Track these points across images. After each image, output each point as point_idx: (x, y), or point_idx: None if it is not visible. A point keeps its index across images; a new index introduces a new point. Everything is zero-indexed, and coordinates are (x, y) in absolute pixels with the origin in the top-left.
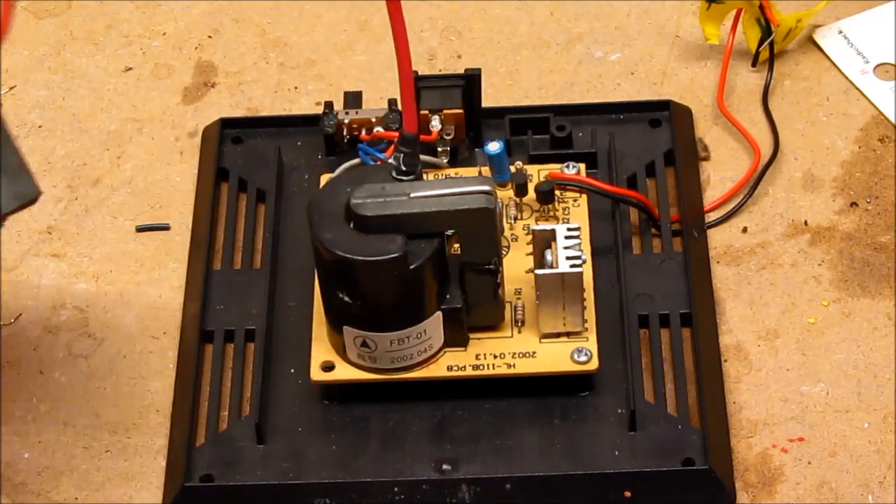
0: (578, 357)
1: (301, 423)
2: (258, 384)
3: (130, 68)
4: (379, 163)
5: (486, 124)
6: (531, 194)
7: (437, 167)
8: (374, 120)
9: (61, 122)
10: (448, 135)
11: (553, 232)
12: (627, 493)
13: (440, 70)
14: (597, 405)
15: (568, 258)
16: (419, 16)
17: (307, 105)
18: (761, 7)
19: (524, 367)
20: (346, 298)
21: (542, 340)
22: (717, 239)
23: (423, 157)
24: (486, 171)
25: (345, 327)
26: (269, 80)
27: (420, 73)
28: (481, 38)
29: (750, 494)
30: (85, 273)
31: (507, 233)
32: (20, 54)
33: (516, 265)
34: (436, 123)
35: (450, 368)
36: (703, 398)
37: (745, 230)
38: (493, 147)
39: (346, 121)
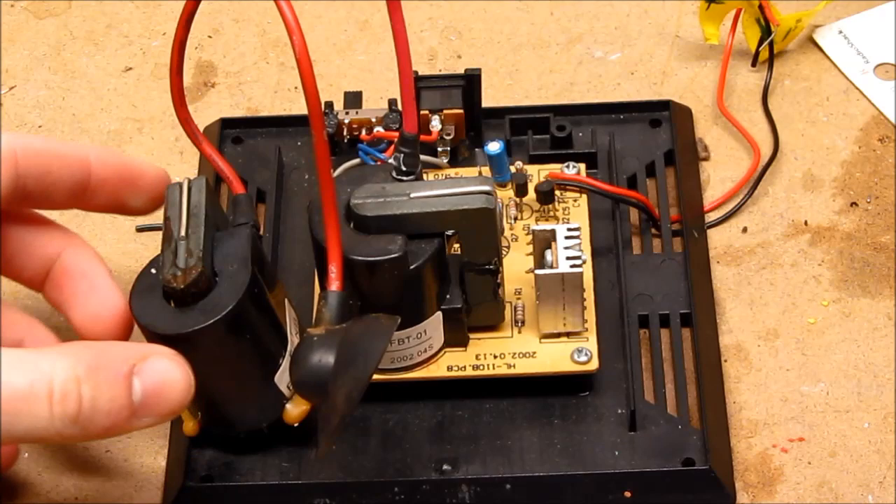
0: (578, 357)
1: (301, 423)
2: None
3: (130, 68)
4: (379, 163)
5: (486, 124)
6: (531, 194)
7: (437, 167)
8: (374, 120)
9: (61, 122)
10: (448, 135)
11: (553, 232)
12: (627, 493)
13: (440, 70)
14: (597, 405)
15: (568, 258)
16: (419, 16)
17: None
18: (761, 7)
19: (524, 367)
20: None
21: (542, 340)
22: (717, 239)
23: (423, 157)
24: (486, 171)
25: None
26: (269, 80)
27: (420, 73)
28: (481, 38)
29: (750, 494)
30: None
31: (507, 233)
32: (20, 54)
33: (516, 265)
34: (436, 123)
35: (450, 368)
36: (703, 398)
37: (745, 230)
38: (493, 147)
39: (346, 121)
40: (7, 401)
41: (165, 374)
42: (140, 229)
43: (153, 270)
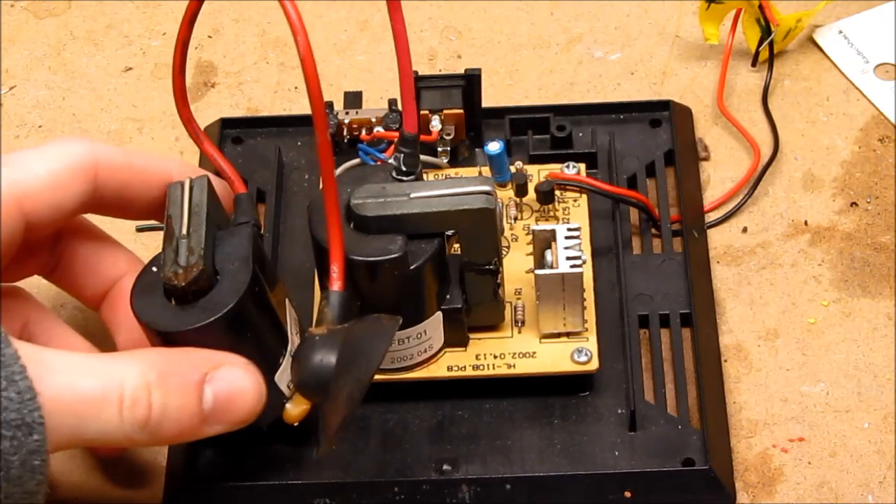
0: (578, 357)
1: (301, 423)
2: None
3: (130, 68)
4: (379, 163)
5: (486, 124)
6: (531, 194)
7: (437, 167)
8: (374, 120)
9: (61, 122)
10: (448, 135)
11: (553, 232)
12: (627, 493)
13: (440, 70)
14: (597, 405)
15: (568, 258)
16: (419, 16)
17: (307, 105)
18: (761, 7)
19: (524, 367)
20: None
21: (542, 340)
22: (717, 239)
23: (423, 157)
24: (486, 171)
25: None
26: (269, 80)
27: (420, 73)
28: (481, 38)
29: (750, 494)
30: None
31: (507, 233)
32: (20, 54)
33: (516, 265)
34: (436, 123)
35: (450, 368)
36: (703, 398)
37: (745, 230)
38: (493, 147)
39: (346, 121)
40: (79, 404)
41: (237, 382)
42: (140, 229)
43: (154, 269)
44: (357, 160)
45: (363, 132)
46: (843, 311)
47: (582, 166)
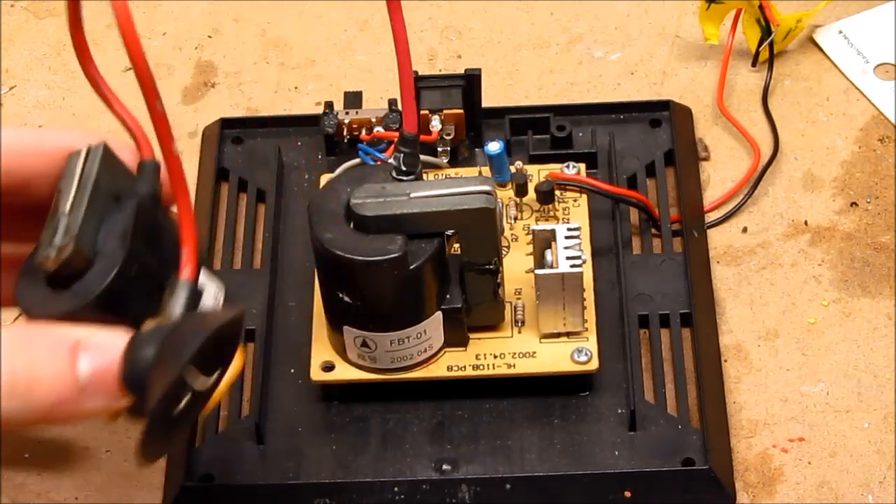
0: (578, 357)
1: (301, 423)
2: (258, 384)
3: (131, 68)
4: (379, 163)
5: (486, 124)
6: (531, 194)
7: (437, 167)
8: (374, 120)
9: (61, 122)
10: (448, 135)
11: (553, 232)
12: (627, 493)
13: (440, 70)
14: (597, 405)
15: (568, 258)
16: (419, 16)
17: (307, 105)
18: (761, 7)
19: (524, 367)
20: (346, 298)
21: (542, 340)
22: (717, 239)
23: (423, 157)
24: (486, 171)
25: (345, 327)
26: (269, 80)
27: (420, 73)
28: (481, 38)
29: (750, 494)
30: None
31: (507, 233)
32: (20, 54)
33: (516, 265)
34: (436, 123)
35: (450, 368)
36: (703, 398)
37: (745, 230)
38: (493, 147)
39: (346, 121)
40: None
41: (115, 350)
42: None
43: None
44: (357, 160)
45: (363, 132)
46: (843, 311)
47: (582, 166)
